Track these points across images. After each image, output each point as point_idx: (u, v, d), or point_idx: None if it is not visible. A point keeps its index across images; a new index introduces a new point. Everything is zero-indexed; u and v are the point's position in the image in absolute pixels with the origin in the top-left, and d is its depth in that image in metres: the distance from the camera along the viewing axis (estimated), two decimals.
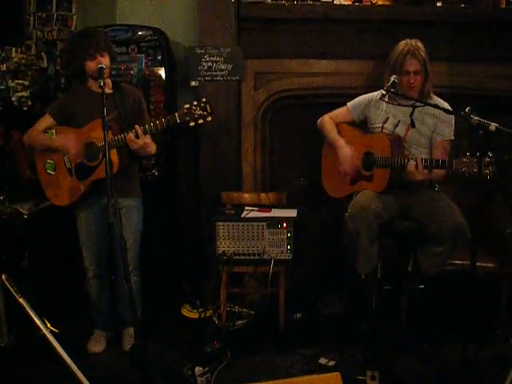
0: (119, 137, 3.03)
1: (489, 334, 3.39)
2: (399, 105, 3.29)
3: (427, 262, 3.22)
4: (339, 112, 3.54)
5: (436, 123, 3.31)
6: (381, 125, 3.38)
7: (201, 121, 2.99)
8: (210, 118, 3.00)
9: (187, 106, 2.99)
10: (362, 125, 3.52)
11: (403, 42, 3.29)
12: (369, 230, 3.16)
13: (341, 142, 3.44)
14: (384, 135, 3.31)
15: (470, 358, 2.84)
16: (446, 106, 3.25)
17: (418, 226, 3.25)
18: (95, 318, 3.43)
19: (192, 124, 2.99)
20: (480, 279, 2.89)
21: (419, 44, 3.26)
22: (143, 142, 3.02)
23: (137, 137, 3.00)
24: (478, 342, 3.12)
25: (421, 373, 3.07)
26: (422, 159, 3.06)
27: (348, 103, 3.52)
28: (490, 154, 2.66)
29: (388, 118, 3.36)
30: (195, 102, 2.99)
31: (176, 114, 3.00)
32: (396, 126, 3.34)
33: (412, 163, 3.07)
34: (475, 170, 2.73)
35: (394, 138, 3.28)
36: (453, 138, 3.35)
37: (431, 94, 3.34)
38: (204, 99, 3.01)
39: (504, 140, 2.75)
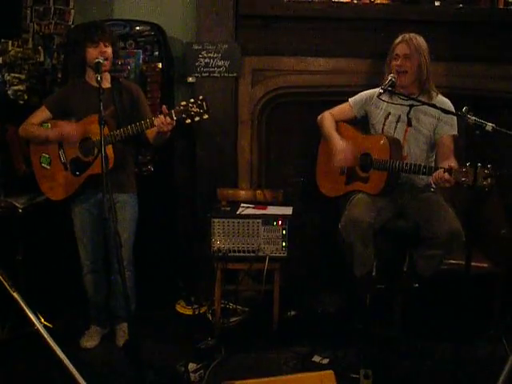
0: (117, 131, 3.01)
1: (482, 333, 3.40)
2: (398, 104, 3.29)
3: (423, 264, 3.22)
4: (340, 108, 3.53)
5: (434, 123, 3.30)
6: (382, 121, 3.37)
7: (197, 118, 2.97)
8: (206, 116, 2.98)
9: (184, 103, 2.97)
10: (363, 121, 3.51)
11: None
12: (363, 240, 3.16)
13: (335, 136, 3.41)
14: (383, 137, 3.29)
15: (463, 358, 2.84)
16: (449, 105, 3.23)
17: (413, 225, 3.25)
18: (91, 313, 3.43)
19: (188, 121, 2.98)
20: (474, 279, 2.90)
21: (417, 36, 3.26)
22: (173, 122, 2.97)
23: (165, 116, 2.95)
24: (472, 342, 3.13)
25: (414, 372, 3.08)
26: (444, 169, 2.94)
27: (349, 99, 3.52)
28: (488, 166, 2.66)
29: (389, 113, 3.35)
30: (192, 100, 2.97)
31: (172, 111, 2.97)
32: (397, 121, 3.33)
33: (438, 172, 2.97)
34: (485, 183, 2.68)
35: (393, 141, 3.27)
36: (456, 133, 3.30)
37: (433, 93, 3.31)
38: (201, 97, 2.99)
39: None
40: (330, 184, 3.55)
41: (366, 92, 3.49)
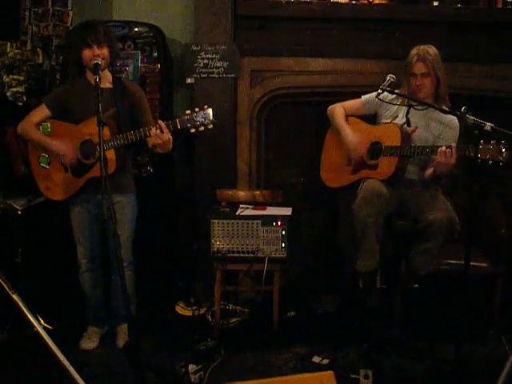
0: (119, 136, 3.01)
1: (482, 333, 3.40)
2: (410, 105, 3.32)
3: (418, 260, 3.22)
4: (352, 103, 3.54)
5: (441, 129, 3.31)
6: (389, 121, 3.40)
7: (202, 128, 2.95)
8: (211, 126, 2.96)
9: (188, 112, 2.95)
10: (371, 119, 3.53)
11: (416, 47, 3.30)
12: (378, 218, 3.16)
13: (347, 130, 3.46)
14: (395, 126, 3.33)
15: (463, 357, 2.84)
16: (456, 122, 3.27)
17: (411, 224, 3.25)
18: (89, 313, 3.42)
19: (193, 131, 2.96)
20: (474, 279, 2.90)
21: (430, 49, 3.26)
22: (168, 136, 2.98)
23: (161, 132, 2.96)
24: (472, 341, 3.13)
25: (414, 372, 3.08)
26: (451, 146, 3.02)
27: (362, 96, 3.51)
28: (503, 142, 2.67)
29: (397, 116, 3.38)
30: (197, 109, 2.94)
31: (177, 120, 2.96)
32: (403, 125, 3.35)
33: (443, 147, 3.03)
34: (501, 158, 2.72)
35: (403, 129, 3.31)
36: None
37: (447, 102, 3.32)
38: (206, 106, 2.96)
39: None
40: (336, 174, 3.55)
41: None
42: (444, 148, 3.02)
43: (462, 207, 3.23)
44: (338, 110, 3.54)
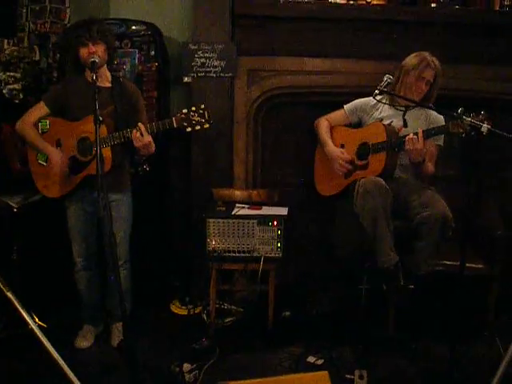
0: (116, 134, 3.01)
1: (477, 334, 3.41)
2: (393, 106, 3.37)
3: (413, 260, 3.22)
4: (336, 114, 3.60)
5: (427, 126, 3.33)
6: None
7: (198, 127, 2.97)
8: (207, 125, 2.98)
9: (185, 111, 2.96)
10: (356, 126, 3.56)
11: (418, 53, 3.34)
12: (385, 208, 3.13)
13: (330, 144, 3.52)
14: (379, 123, 3.36)
15: (457, 358, 2.85)
16: (442, 119, 3.36)
17: (406, 224, 3.25)
18: (84, 312, 3.42)
19: (189, 130, 2.97)
20: (469, 280, 2.91)
21: (436, 59, 3.32)
22: (148, 140, 3.00)
23: (141, 135, 2.98)
24: (466, 343, 3.13)
25: (409, 372, 3.08)
26: (422, 130, 3.13)
27: (344, 106, 3.56)
28: (482, 112, 2.69)
29: (382, 119, 3.40)
30: (193, 108, 2.96)
31: (173, 119, 2.97)
32: (389, 124, 3.37)
33: (411, 134, 3.13)
34: (469, 128, 2.73)
35: (388, 126, 3.34)
36: (441, 144, 3.40)
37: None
38: (202, 105, 2.98)
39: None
40: (330, 182, 3.57)
41: (360, 100, 3.54)
42: (411, 135, 3.11)
43: (458, 208, 3.23)
44: (322, 123, 3.61)
